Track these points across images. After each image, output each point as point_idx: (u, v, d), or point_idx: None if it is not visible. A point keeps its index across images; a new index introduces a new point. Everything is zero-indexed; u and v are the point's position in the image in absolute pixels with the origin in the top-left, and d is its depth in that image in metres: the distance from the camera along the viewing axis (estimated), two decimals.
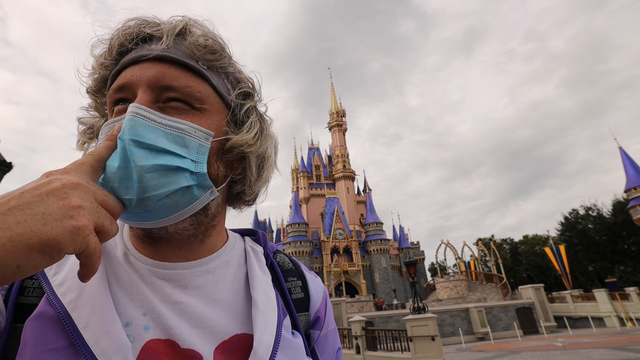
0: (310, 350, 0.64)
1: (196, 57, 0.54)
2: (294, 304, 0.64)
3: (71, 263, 0.49)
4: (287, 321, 0.58)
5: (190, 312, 0.51)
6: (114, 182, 0.43)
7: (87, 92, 0.58)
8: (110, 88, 0.53)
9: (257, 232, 0.70)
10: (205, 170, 0.49)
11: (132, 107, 0.47)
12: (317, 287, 0.69)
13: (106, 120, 0.56)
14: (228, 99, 0.57)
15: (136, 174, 0.43)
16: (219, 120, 0.55)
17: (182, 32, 0.54)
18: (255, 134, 0.58)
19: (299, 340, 0.58)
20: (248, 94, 0.60)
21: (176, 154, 0.47)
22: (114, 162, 0.43)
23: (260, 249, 0.66)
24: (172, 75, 0.51)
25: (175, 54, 0.52)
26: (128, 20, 0.54)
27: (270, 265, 0.66)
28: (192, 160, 0.48)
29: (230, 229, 0.68)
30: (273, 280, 0.63)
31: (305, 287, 0.67)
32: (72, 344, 0.42)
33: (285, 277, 0.66)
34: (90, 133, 0.58)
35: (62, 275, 0.48)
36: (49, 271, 0.49)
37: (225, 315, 0.53)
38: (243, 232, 0.71)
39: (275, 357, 0.51)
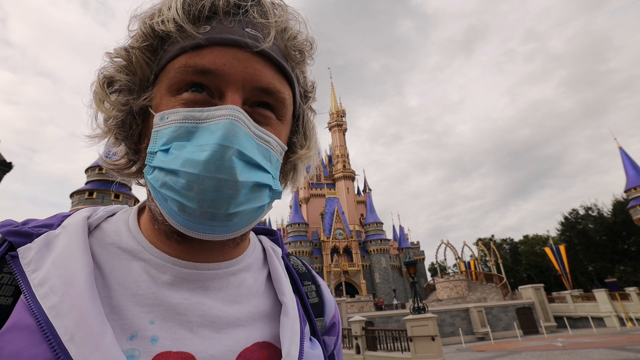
0: (329, 357, 0.60)
1: (288, 58, 0.47)
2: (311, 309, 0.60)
3: (53, 257, 0.41)
4: (306, 329, 0.54)
5: (211, 316, 0.45)
6: (194, 191, 0.39)
7: (133, 47, 0.46)
8: (185, 63, 0.43)
9: (275, 233, 0.65)
10: (281, 188, 0.46)
11: (232, 110, 0.41)
12: (328, 292, 0.66)
13: (144, 86, 0.47)
14: (300, 108, 0.51)
15: (233, 189, 0.39)
16: (287, 130, 0.50)
17: (284, 24, 0.47)
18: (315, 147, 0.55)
19: (318, 351, 0.53)
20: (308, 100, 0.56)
21: (265, 170, 0.43)
22: (199, 169, 0.38)
23: (279, 251, 0.62)
24: (267, 77, 0.44)
25: (274, 51, 0.45)
26: None
27: (286, 268, 0.62)
28: (272, 177, 0.45)
29: None
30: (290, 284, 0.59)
31: (319, 292, 0.64)
32: (56, 359, 0.35)
33: (301, 281, 0.62)
34: (117, 88, 0.48)
35: (43, 272, 0.40)
36: (28, 266, 0.40)
37: (246, 321, 0.48)
38: (257, 231, 0.65)
39: None
